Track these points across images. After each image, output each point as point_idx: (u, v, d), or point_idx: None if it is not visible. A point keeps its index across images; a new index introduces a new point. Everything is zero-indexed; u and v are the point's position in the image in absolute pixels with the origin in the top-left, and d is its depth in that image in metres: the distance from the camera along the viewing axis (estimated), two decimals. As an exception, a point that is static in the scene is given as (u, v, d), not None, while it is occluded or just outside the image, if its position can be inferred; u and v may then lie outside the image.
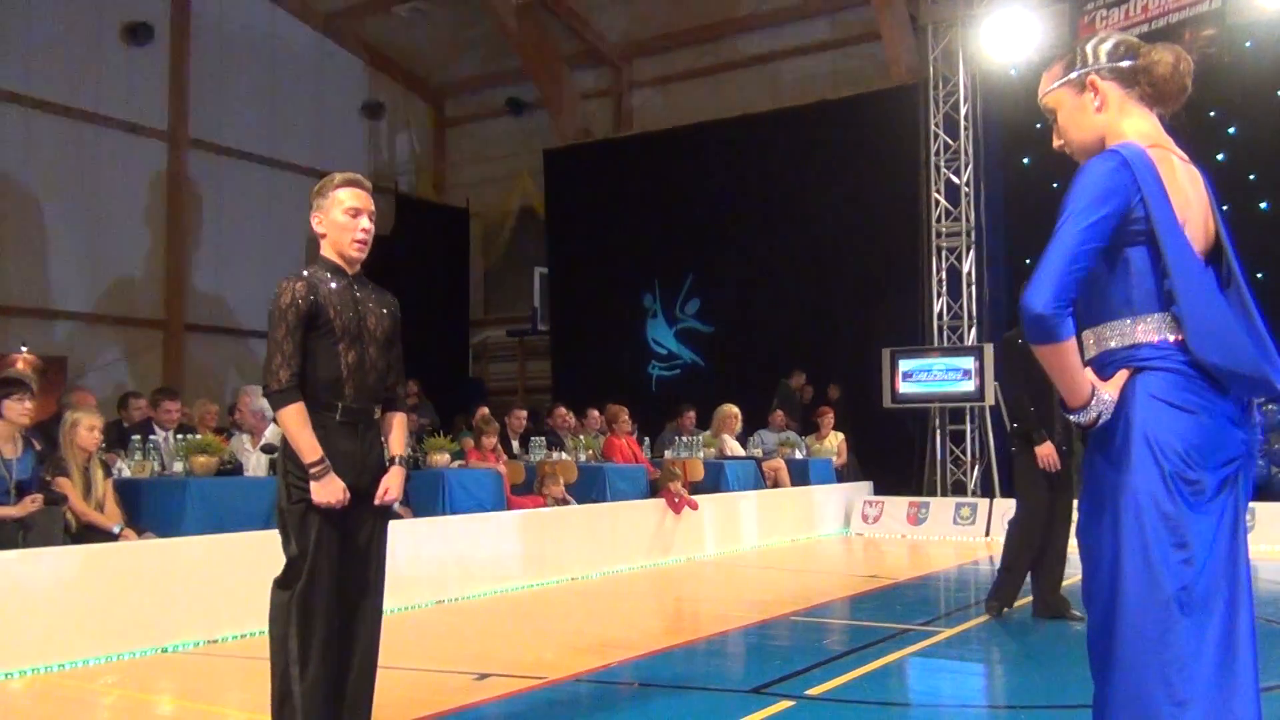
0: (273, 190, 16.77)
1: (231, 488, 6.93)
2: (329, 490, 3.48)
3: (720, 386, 14.04)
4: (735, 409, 12.38)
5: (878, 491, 13.13)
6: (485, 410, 10.25)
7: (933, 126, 13.79)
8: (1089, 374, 2.34)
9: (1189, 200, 2.37)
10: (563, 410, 11.59)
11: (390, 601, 6.95)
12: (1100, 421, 2.32)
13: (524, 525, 8.39)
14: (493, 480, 8.67)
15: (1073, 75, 2.48)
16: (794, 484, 12.18)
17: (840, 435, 13.37)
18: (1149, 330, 2.32)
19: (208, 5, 15.68)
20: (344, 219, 3.71)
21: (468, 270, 18.88)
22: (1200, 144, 12.61)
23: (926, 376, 12.90)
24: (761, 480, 11.74)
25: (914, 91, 13.99)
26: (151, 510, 6.63)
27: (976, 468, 13.23)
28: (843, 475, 13.15)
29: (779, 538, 11.34)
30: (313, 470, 3.46)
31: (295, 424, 3.49)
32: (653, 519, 9.78)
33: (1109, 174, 2.28)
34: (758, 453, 12.48)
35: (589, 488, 9.69)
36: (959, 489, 13.21)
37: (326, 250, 3.77)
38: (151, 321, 15.15)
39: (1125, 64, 2.44)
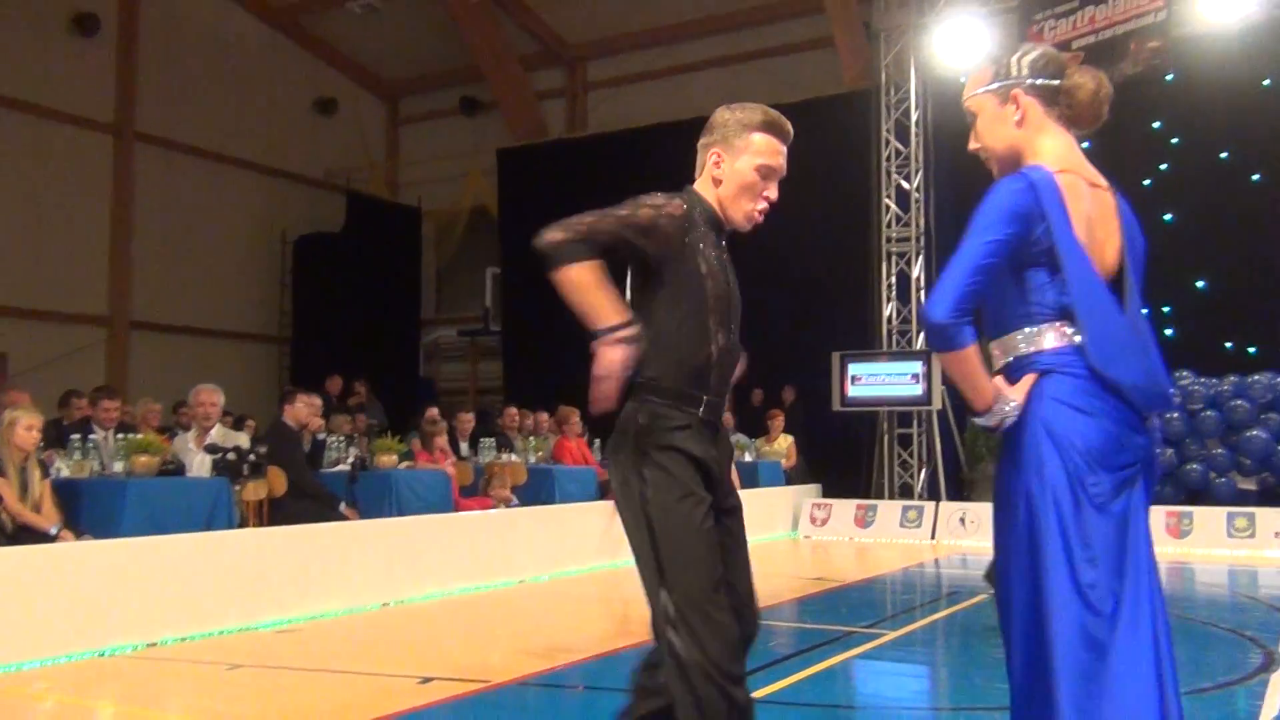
0: (222, 186, 16.58)
1: (173, 488, 6.83)
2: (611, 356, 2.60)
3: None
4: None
5: (826, 494, 13.23)
6: (434, 411, 10.18)
7: (884, 132, 13.93)
8: (997, 380, 2.43)
9: (1092, 225, 2.44)
10: (513, 411, 11.54)
11: (334, 604, 6.93)
12: (1005, 424, 2.41)
13: (472, 527, 8.35)
14: (441, 482, 8.63)
15: (996, 85, 2.54)
16: (743, 486, 12.19)
17: (789, 438, 13.44)
18: (1052, 337, 2.41)
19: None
20: (752, 177, 2.75)
21: (419, 269, 18.77)
22: (1145, 153, 12.88)
23: (875, 380, 13.01)
24: (712, 482, 11.75)
25: (866, 97, 14.12)
26: (90, 511, 6.52)
27: (924, 471, 13.36)
28: (792, 478, 13.22)
29: (729, 540, 11.35)
30: (620, 333, 2.60)
31: (592, 280, 2.63)
32: (602, 521, 9.73)
33: (1015, 195, 2.37)
34: (708, 455, 12.48)
35: (538, 489, 9.66)
36: (906, 492, 13.34)
37: (706, 192, 2.81)
38: (96, 318, 14.91)
39: (1048, 82, 2.50)
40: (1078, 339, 2.38)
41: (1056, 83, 2.50)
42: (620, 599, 8.51)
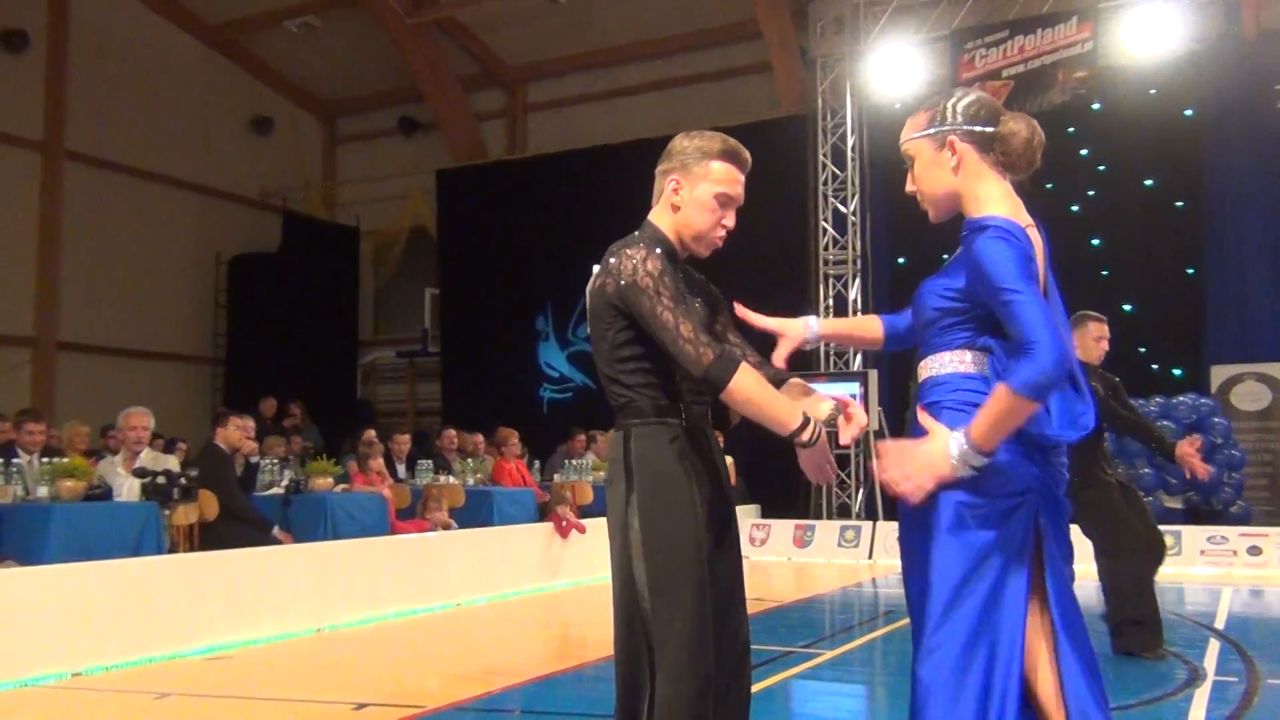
0: (155, 206, 16.31)
1: (99, 513, 6.66)
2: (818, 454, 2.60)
3: (612, 410, 14.06)
4: (626, 432, 12.41)
5: (765, 514, 13.30)
6: (371, 433, 10.07)
7: (821, 157, 14.13)
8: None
9: (1042, 268, 2.54)
10: (452, 433, 11.46)
11: (267, 630, 6.81)
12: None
13: (408, 550, 8.27)
14: (377, 504, 8.53)
15: (932, 130, 2.58)
16: (683, 507, 12.21)
17: (729, 459, 13.44)
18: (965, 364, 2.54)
19: (87, 14, 15.21)
20: (710, 204, 2.73)
21: (357, 290, 18.59)
22: (1073, 180, 13.18)
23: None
24: (651, 504, 11.74)
25: (803, 122, 14.31)
26: (13, 537, 6.33)
27: (861, 491, 13.49)
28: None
29: (668, 561, 11.36)
30: (802, 436, 2.56)
31: (758, 390, 2.55)
32: (540, 543, 9.73)
33: (1016, 245, 2.40)
34: (648, 476, 12.49)
35: (476, 511, 9.59)
36: (844, 512, 13.46)
37: (663, 221, 2.78)
38: (21, 339, 14.55)
39: (983, 129, 2.54)
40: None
41: (991, 129, 2.54)
42: (559, 621, 8.48)
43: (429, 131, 18.11)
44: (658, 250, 2.64)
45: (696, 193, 2.73)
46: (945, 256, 2.67)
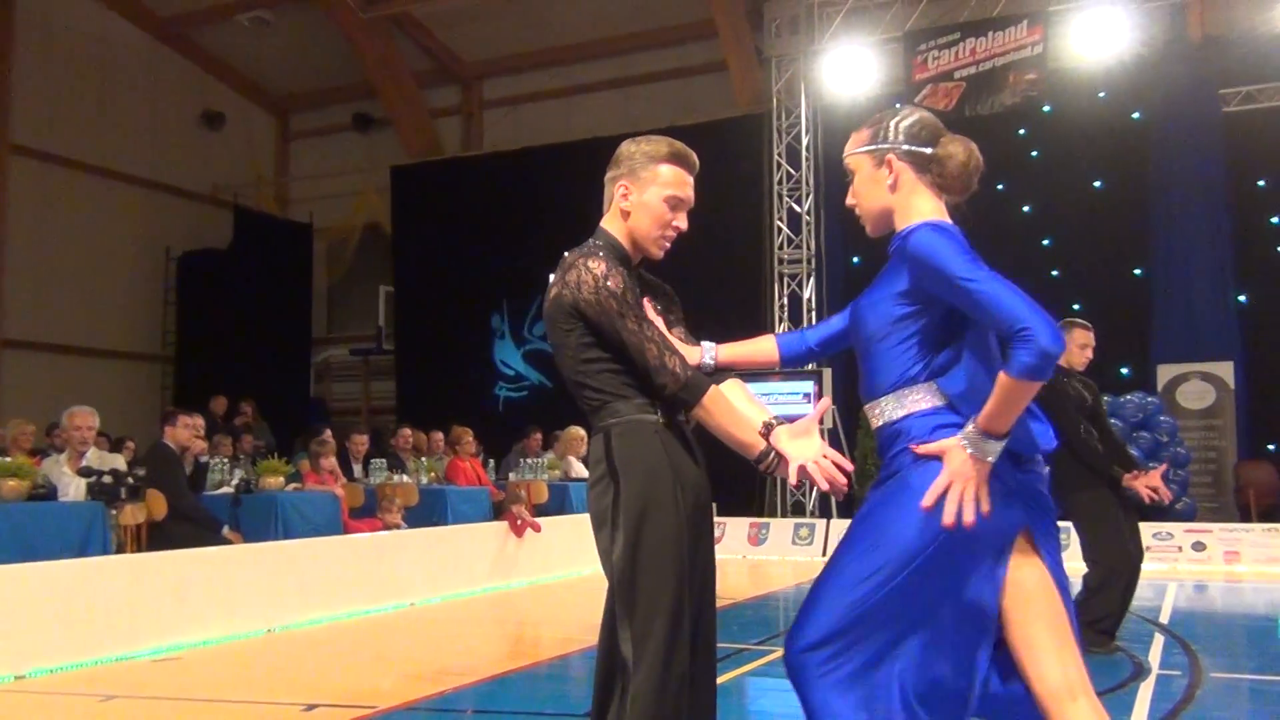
0: (103, 201, 16.05)
1: (44, 513, 6.55)
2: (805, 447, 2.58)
3: (568, 408, 13.97)
4: (582, 431, 12.37)
5: (720, 513, 13.30)
6: (324, 431, 9.97)
7: (776, 156, 14.20)
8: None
9: None
10: (407, 431, 11.38)
11: (216, 631, 6.73)
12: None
13: (361, 550, 8.19)
14: (329, 503, 8.45)
15: (871, 147, 2.60)
16: (639, 506, 12.23)
17: (685, 457, 13.50)
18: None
19: (33, 5, 14.93)
20: (660, 208, 2.76)
21: (310, 287, 18.40)
22: (1023, 181, 13.35)
23: (767, 400, 13.15)
24: (606, 502, 11.75)
25: (758, 122, 14.37)
26: (-45, 538, 6.21)
27: (815, 489, 13.55)
28: (687, 497, 13.27)
29: (623, 559, 11.37)
30: (762, 465, 2.62)
31: (725, 410, 2.64)
32: (495, 542, 9.69)
33: (952, 232, 2.45)
34: (603, 475, 12.49)
35: (430, 510, 9.53)
36: (798, 510, 13.54)
37: (615, 228, 2.81)
38: (-37, 336, 14.27)
39: (920, 149, 2.56)
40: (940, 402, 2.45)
41: (929, 150, 2.55)
42: (514, 620, 8.45)
43: (383, 127, 17.98)
44: (618, 265, 2.66)
45: (646, 197, 2.75)
46: (890, 250, 2.65)
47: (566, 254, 2.72)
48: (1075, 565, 5.87)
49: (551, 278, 2.73)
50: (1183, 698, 5.00)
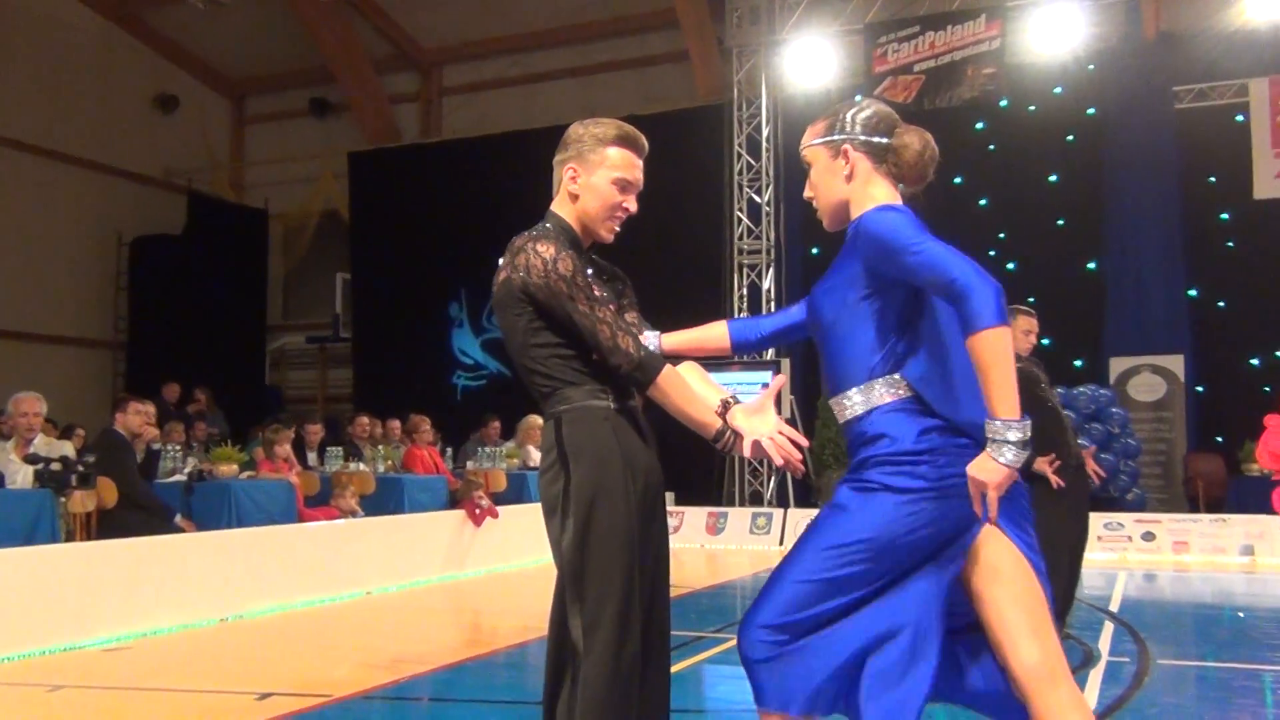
0: (53, 184, 15.76)
1: (-10, 501, 6.44)
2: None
3: (526, 398, 13.92)
4: (538, 419, 12.36)
5: (679, 502, 13.35)
6: (279, 419, 9.88)
7: (736, 146, 14.21)
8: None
9: None
10: (364, 419, 11.29)
11: (168, 620, 6.64)
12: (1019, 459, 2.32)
13: (316, 538, 8.12)
14: (284, 491, 8.36)
15: (828, 139, 2.62)
16: (597, 495, 12.23)
17: (643, 447, 13.51)
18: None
19: (-19, -17, 14.62)
20: (609, 190, 2.74)
21: (266, 273, 18.20)
22: (981, 175, 13.47)
23: (726, 390, 13.20)
24: (564, 491, 11.74)
25: (719, 112, 14.38)
26: (-103, 526, 6.09)
27: (773, 479, 13.63)
28: (645, 486, 13.28)
29: (581, 549, 11.36)
30: (718, 444, 2.64)
31: (680, 389, 2.61)
32: (452, 531, 9.64)
33: (905, 212, 2.47)
34: (561, 464, 12.47)
35: (387, 499, 9.47)
36: (756, 499, 13.59)
37: (565, 211, 2.80)
38: (-94, 320, 13.97)
39: (877, 140, 2.58)
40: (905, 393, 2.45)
41: (885, 141, 2.57)
42: (470, 609, 8.42)
43: (341, 113, 17.79)
44: (568, 248, 2.64)
45: (594, 180, 2.73)
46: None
47: (515, 238, 2.70)
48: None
49: (500, 262, 2.70)
50: (1131, 683, 5.08)
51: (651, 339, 2.83)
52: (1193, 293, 13.03)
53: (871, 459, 2.44)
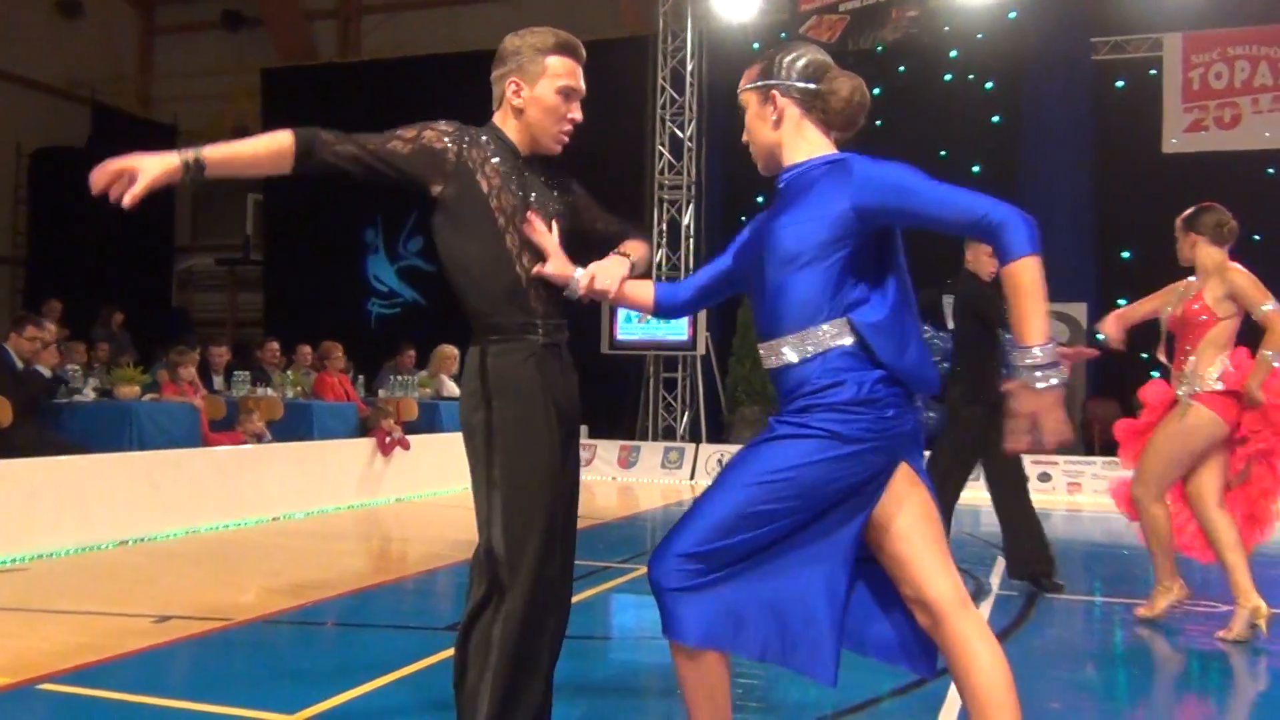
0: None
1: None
2: None
3: (441, 327, 13.85)
4: (454, 350, 12.26)
5: (591, 435, 13.41)
6: (185, 341, 9.66)
7: (660, 80, 14.09)
8: None
9: None
10: (274, 345, 11.11)
11: (67, 542, 6.52)
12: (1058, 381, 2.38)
13: (221, 462, 8.00)
14: (188, 415, 8.21)
15: (760, 83, 2.61)
16: (510, 426, 12.23)
17: (559, 379, 13.53)
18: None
19: None
20: (554, 100, 2.70)
21: (173, 192, 17.57)
22: (902, 121, 13.54)
23: (643, 325, 13.26)
24: (478, 421, 11.72)
25: (644, 44, 14.21)
26: None
27: (686, 414, 13.76)
28: (559, 418, 13.32)
29: (493, 479, 11.38)
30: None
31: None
32: (362, 458, 9.58)
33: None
34: (476, 394, 12.44)
35: (296, 425, 9.36)
36: (669, 434, 13.72)
37: (508, 126, 2.76)
38: None
39: (806, 86, 2.57)
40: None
41: (814, 87, 2.57)
42: (379, 536, 8.41)
43: (255, 27, 17.21)
44: (463, 131, 2.70)
45: (538, 91, 2.69)
46: (781, 185, 2.62)
47: None
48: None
49: None
50: (1018, 615, 5.29)
51: (578, 274, 2.81)
52: (1099, 242, 13.34)
53: (818, 405, 2.44)
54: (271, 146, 2.65)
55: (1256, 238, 12.91)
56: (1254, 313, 4.76)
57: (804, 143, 2.57)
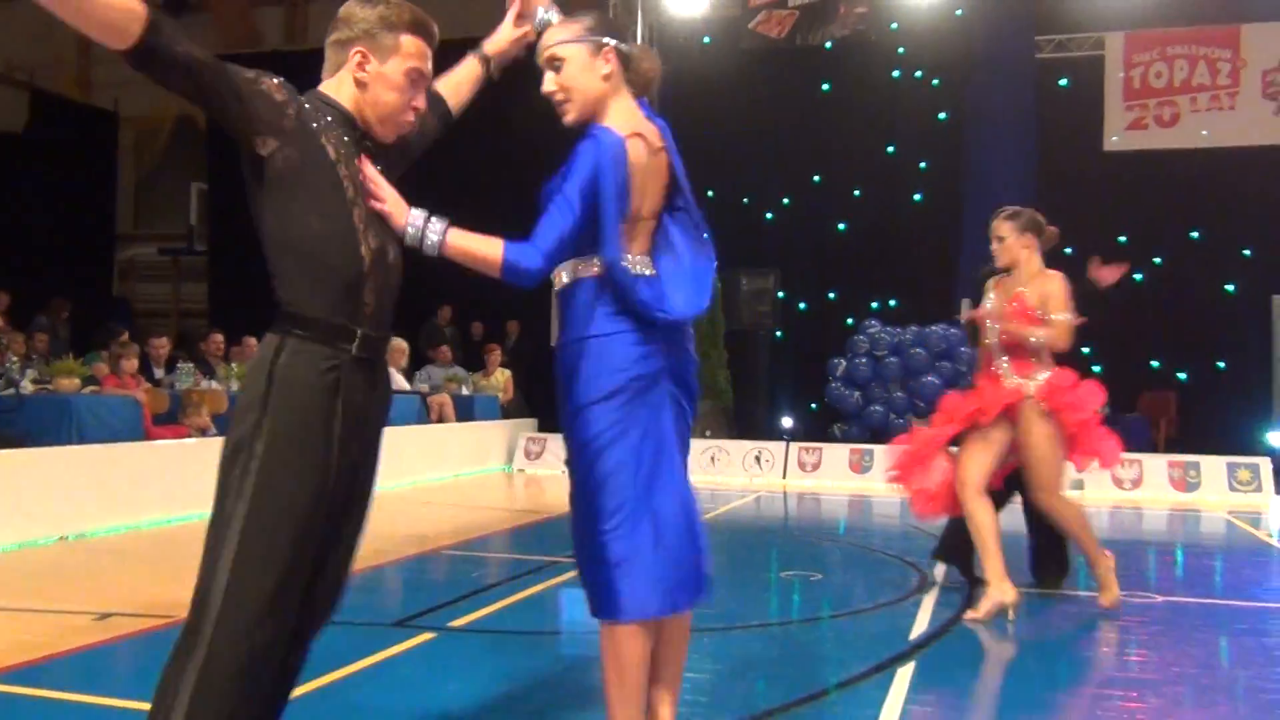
0: None
1: None
2: None
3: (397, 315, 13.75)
4: (402, 342, 12.18)
5: (542, 429, 13.41)
6: (125, 333, 9.50)
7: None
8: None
9: (646, 174, 2.78)
10: (218, 336, 10.96)
11: (5, 537, 6.39)
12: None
13: (165, 456, 7.89)
14: (129, 408, 8.07)
15: (592, 38, 2.77)
16: (459, 420, 12.20)
17: (507, 372, 13.49)
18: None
19: None
20: (403, 82, 2.45)
21: (115, 179, 17.32)
22: (851, 115, 13.65)
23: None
24: (426, 415, 11.66)
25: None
26: None
27: (636, 407, 13.74)
28: (508, 412, 13.30)
29: (442, 473, 11.34)
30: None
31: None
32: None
33: (602, 157, 2.66)
34: (424, 387, 12.38)
35: (241, 419, 9.22)
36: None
37: (343, 95, 2.48)
38: None
39: (628, 49, 2.82)
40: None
41: (633, 50, 2.83)
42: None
43: (198, 13, 16.90)
44: (302, 96, 2.41)
45: (386, 69, 2.44)
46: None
47: None
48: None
49: None
50: (960, 608, 5.37)
51: (438, 225, 2.58)
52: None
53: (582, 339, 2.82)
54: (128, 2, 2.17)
55: (1194, 235, 13.27)
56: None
57: (617, 99, 2.80)
